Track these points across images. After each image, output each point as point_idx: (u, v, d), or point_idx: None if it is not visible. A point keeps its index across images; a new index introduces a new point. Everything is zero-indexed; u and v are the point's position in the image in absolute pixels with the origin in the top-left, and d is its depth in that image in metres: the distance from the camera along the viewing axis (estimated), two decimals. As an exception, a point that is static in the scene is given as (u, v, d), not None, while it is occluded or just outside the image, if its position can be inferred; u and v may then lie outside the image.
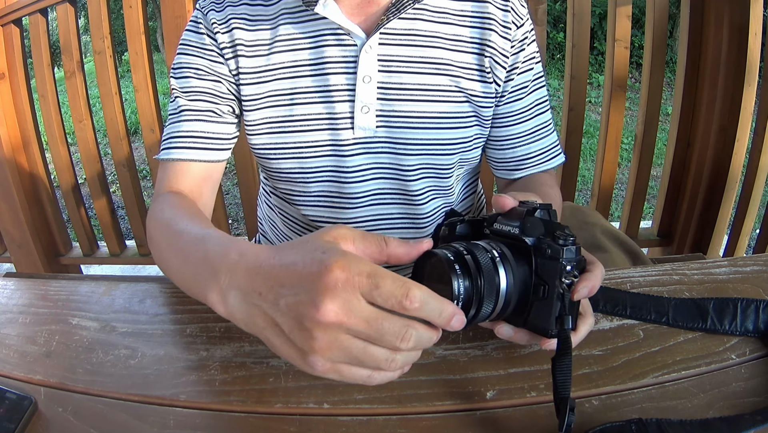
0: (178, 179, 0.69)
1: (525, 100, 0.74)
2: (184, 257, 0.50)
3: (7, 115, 1.65)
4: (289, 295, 0.37)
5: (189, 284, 0.49)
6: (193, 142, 0.69)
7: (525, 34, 0.71)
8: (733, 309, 0.54)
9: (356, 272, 0.36)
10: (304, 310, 0.36)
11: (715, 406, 0.45)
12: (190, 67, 0.69)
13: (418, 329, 0.37)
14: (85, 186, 1.86)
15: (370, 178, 0.72)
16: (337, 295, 0.35)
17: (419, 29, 0.68)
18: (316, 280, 0.36)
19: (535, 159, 0.77)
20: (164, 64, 1.55)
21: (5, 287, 0.65)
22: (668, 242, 1.74)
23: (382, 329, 0.36)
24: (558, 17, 5.71)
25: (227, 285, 0.41)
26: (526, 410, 0.46)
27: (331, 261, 0.36)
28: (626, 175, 3.09)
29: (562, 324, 0.44)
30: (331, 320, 0.35)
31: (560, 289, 0.44)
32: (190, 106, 0.69)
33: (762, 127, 1.49)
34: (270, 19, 0.68)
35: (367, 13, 0.66)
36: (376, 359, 0.37)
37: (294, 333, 0.37)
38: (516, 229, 0.45)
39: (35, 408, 0.46)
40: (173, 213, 0.60)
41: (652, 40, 1.49)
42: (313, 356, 0.37)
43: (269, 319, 0.38)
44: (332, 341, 0.36)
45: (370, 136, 0.69)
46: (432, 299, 0.36)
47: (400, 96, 0.68)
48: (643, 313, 0.56)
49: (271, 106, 0.69)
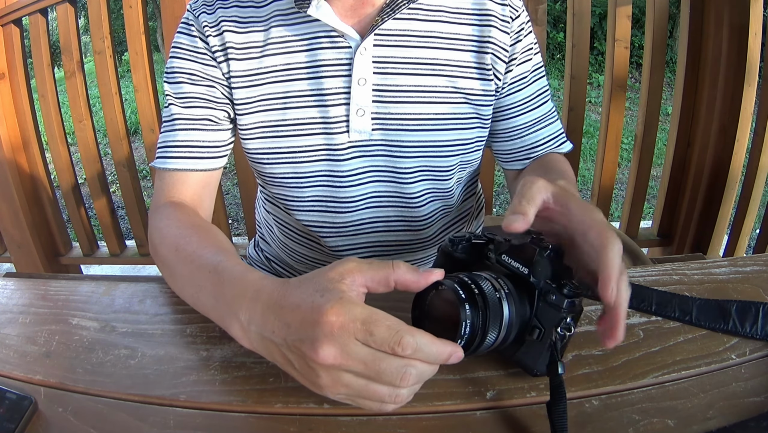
0: (178, 189, 0.69)
1: (527, 90, 0.74)
2: (199, 287, 0.52)
3: (7, 115, 1.65)
4: (294, 337, 0.39)
5: (208, 313, 0.51)
6: (189, 152, 0.68)
7: (521, 25, 0.71)
8: (755, 312, 0.55)
9: (350, 319, 0.37)
10: (306, 352, 0.38)
11: (715, 406, 0.45)
12: (183, 72, 0.68)
13: (417, 366, 0.38)
14: (85, 186, 1.87)
15: (366, 181, 0.71)
16: (334, 339, 0.37)
17: (414, 29, 0.67)
18: (315, 325, 0.38)
19: (544, 145, 0.76)
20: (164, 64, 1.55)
21: (5, 287, 0.65)
22: (668, 242, 1.74)
23: (380, 370, 0.37)
24: (558, 17, 5.71)
25: (247, 322, 0.43)
26: (526, 410, 0.46)
27: (327, 307, 0.38)
28: (626, 175, 3.09)
29: (555, 370, 0.44)
30: (330, 363, 0.37)
31: (554, 336, 0.44)
32: (185, 114, 0.68)
33: (762, 127, 1.49)
34: (262, 22, 0.67)
35: (360, 14, 0.65)
36: (379, 396, 0.39)
37: (303, 370, 0.40)
38: (525, 269, 0.45)
39: (35, 408, 0.46)
40: (180, 231, 0.60)
41: (652, 40, 1.49)
42: (322, 389, 0.39)
43: (283, 355, 0.41)
44: (335, 380, 0.38)
45: (365, 140, 0.68)
46: (425, 345, 0.37)
47: (396, 98, 0.67)
48: (668, 311, 0.56)
49: (263, 110, 0.68)
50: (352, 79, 0.66)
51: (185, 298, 0.56)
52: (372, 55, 0.66)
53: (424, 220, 0.75)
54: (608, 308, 0.44)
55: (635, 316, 0.56)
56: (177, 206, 0.67)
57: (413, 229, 0.76)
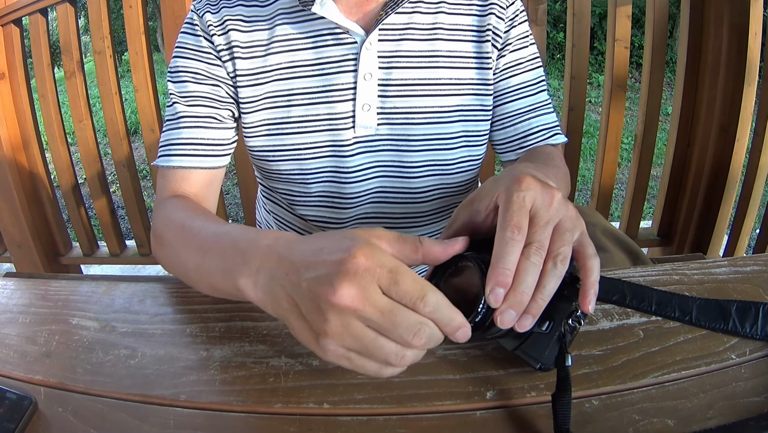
0: (181, 185, 0.68)
1: (521, 77, 0.73)
2: (205, 250, 0.50)
3: (7, 115, 1.65)
4: (312, 276, 0.37)
5: (211, 277, 0.48)
6: (193, 150, 0.68)
7: (515, 12, 0.71)
8: (755, 312, 0.55)
9: (378, 264, 0.36)
10: (321, 290, 0.36)
11: (715, 406, 0.45)
12: (187, 71, 0.68)
13: (431, 326, 0.37)
14: (85, 186, 1.86)
15: (372, 177, 0.72)
16: (356, 281, 0.35)
17: (417, 22, 0.68)
18: (339, 264, 0.36)
19: (538, 135, 0.75)
20: (164, 64, 1.56)
21: (5, 287, 0.65)
22: (668, 242, 1.74)
23: (396, 322, 0.36)
24: (558, 17, 5.71)
25: (258, 268, 0.41)
26: (526, 410, 0.45)
27: (356, 248, 0.36)
28: (626, 175, 3.09)
29: (563, 362, 0.44)
30: (345, 304, 0.35)
31: (563, 328, 0.44)
32: (189, 112, 0.68)
33: (762, 127, 1.49)
34: (266, 20, 0.68)
35: (365, 10, 0.66)
36: (385, 352, 0.37)
37: (311, 314, 0.37)
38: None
39: (35, 408, 0.46)
40: (186, 214, 0.59)
41: (652, 40, 1.49)
42: (326, 339, 0.36)
43: (291, 300, 0.38)
44: (345, 326, 0.36)
45: (371, 135, 0.69)
46: (445, 307, 0.37)
47: (401, 92, 0.68)
48: (668, 310, 0.56)
49: (268, 108, 0.69)
50: (358, 74, 0.66)
51: (188, 274, 0.54)
52: (377, 49, 0.66)
53: (427, 216, 0.75)
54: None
55: (635, 316, 0.56)
56: (182, 198, 0.66)
57: (416, 225, 0.76)
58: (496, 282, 0.38)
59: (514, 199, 0.40)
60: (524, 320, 0.40)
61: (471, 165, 0.76)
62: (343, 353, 0.37)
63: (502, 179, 0.44)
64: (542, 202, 0.41)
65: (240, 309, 0.57)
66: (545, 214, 0.40)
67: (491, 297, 0.38)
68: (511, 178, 0.42)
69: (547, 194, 0.41)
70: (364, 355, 0.37)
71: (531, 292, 0.39)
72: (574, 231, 0.42)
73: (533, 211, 0.40)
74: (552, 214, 0.41)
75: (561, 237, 0.41)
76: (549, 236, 0.40)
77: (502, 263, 0.38)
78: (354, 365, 0.38)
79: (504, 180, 0.43)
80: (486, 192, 0.44)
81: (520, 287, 0.38)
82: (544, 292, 0.40)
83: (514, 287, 0.38)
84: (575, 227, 0.42)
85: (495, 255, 0.39)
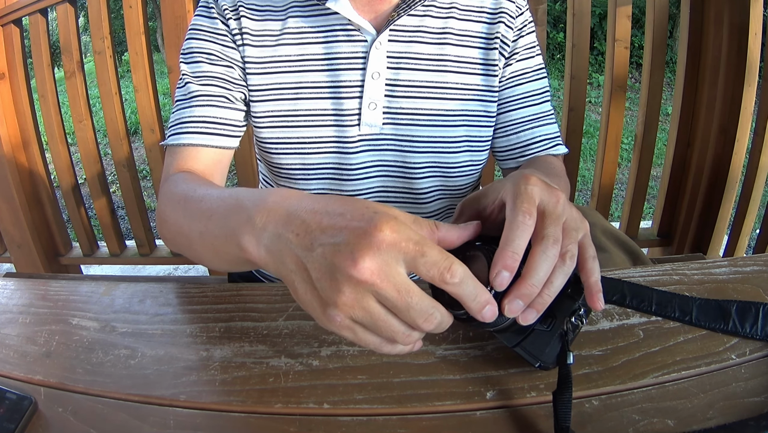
0: (188, 162, 0.67)
1: (526, 86, 0.74)
2: (209, 215, 0.47)
3: (7, 115, 1.65)
4: (328, 243, 0.35)
5: (215, 241, 0.46)
6: (204, 127, 0.67)
7: (524, 23, 0.72)
8: (755, 313, 0.55)
9: (405, 237, 0.35)
10: (340, 261, 0.34)
11: (715, 406, 0.45)
12: (202, 52, 0.68)
13: (442, 312, 0.36)
14: (85, 186, 1.86)
15: (374, 175, 0.72)
16: (379, 255, 0.34)
17: (428, 26, 0.69)
18: (362, 234, 0.34)
19: (540, 144, 0.76)
20: (164, 64, 1.55)
21: (5, 287, 0.65)
22: (668, 242, 1.74)
23: (410, 303, 0.35)
24: (558, 17, 5.71)
25: (262, 224, 0.39)
26: (526, 410, 0.45)
27: (383, 221, 0.35)
28: (626, 175, 3.09)
29: (564, 360, 0.44)
30: (365, 278, 0.34)
31: (566, 326, 0.44)
32: (202, 91, 0.68)
33: (762, 127, 1.49)
34: (279, 11, 0.69)
35: (377, 9, 0.67)
36: (393, 331, 0.36)
37: (322, 282, 0.35)
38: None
39: (35, 408, 0.46)
40: (189, 185, 0.57)
41: (652, 40, 1.49)
42: (334, 309, 0.35)
43: (299, 262, 0.36)
44: (358, 300, 0.35)
45: (375, 134, 0.69)
46: (472, 280, 0.36)
47: (408, 93, 0.68)
48: (668, 311, 0.56)
49: (275, 99, 0.69)
50: (366, 72, 0.67)
51: (191, 245, 0.52)
52: (386, 50, 0.67)
53: (428, 217, 0.76)
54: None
55: (635, 316, 0.56)
56: (189, 173, 0.65)
57: None
58: (503, 265, 0.37)
59: (523, 190, 0.40)
60: (528, 314, 0.39)
61: (473, 169, 0.77)
62: (349, 325, 0.36)
63: (508, 179, 0.44)
64: (549, 200, 0.41)
65: (240, 309, 0.58)
66: (554, 210, 0.40)
67: (497, 280, 0.37)
68: (517, 176, 0.43)
69: (552, 194, 0.41)
70: (370, 329, 0.37)
71: (542, 285, 0.39)
72: (579, 231, 0.42)
73: (542, 206, 0.40)
74: (560, 211, 0.41)
75: (569, 235, 0.41)
76: (561, 231, 0.40)
77: (510, 247, 0.38)
78: (357, 337, 0.37)
79: (510, 179, 0.43)
80: (492, 189, 0.45)
81: (533, 279, 0.38)
82: (551, 288, 0.39)
83: (527, 278, 0.38)
84: (579, 227, 0.42)
85: (504, 238, 0.38)
